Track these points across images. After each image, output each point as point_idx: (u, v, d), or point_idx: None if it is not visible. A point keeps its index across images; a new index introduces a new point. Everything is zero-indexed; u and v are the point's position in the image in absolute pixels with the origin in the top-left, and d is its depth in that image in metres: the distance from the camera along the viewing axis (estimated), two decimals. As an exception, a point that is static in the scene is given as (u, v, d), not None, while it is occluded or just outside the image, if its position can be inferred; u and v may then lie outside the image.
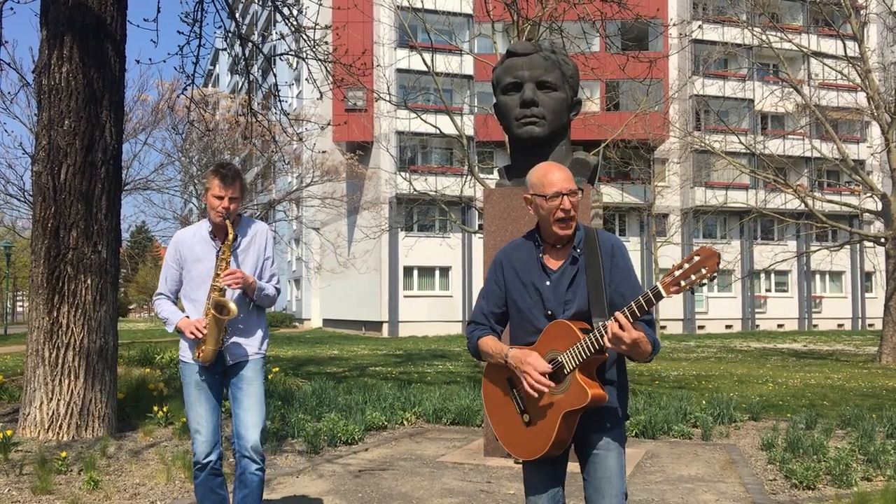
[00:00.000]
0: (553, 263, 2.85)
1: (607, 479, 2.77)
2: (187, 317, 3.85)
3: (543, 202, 2.79)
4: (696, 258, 2.51)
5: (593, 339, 2.62)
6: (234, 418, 3.85)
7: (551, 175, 2.80)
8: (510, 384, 2.84)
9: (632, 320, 2.55)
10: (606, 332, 2.57)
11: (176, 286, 3.96)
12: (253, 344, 3.91)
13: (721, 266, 2.54)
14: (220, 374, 3.92)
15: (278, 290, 4.02)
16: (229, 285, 3.74)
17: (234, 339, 3.86)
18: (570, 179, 2.79)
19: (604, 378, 2.77)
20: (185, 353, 3.89)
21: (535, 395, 2.68)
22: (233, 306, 3.71)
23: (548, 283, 2.82)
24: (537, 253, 2.88)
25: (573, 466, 2.91)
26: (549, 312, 2.80)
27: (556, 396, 2.69)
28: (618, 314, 2.56)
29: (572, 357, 2.66)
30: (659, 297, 2.55)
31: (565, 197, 2.76)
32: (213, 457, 3.84)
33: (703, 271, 2.50)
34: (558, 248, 2.87)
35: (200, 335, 3.74)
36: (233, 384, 3.88)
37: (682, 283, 2.53)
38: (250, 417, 3.79)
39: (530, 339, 2.82)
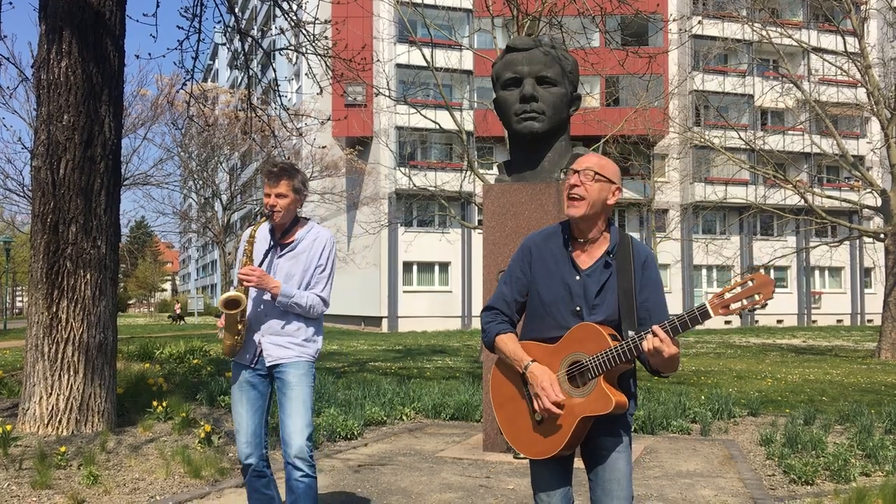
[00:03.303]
0: (583, 262, 2.76)
1: (617, 482, 2.74)
2: None
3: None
4: (750, 283, 2.45)
5: (626, 349, 2.57)
6: (280, 425, 3.76)
7: (582, 160, 2.76)
8: (524, 381, 2.75)
9: (672, 336, 2.50)
10: (641, 344, 2.53)
11: None
12: (294, 347, 3.76)
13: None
14: (264, 375, 3.81)
15: (323, 300, 3.82)
16: (241, 281, 3.65)
17: (272, 339, 3.75)
18: (596, 165, 2.72)
19: (624, 387, 2.72)
20: None
21: (546, 413, 2.64)
22: (242, 301, 3.60)
23: (577, 277, 2.73)
24: (566, 247, 2.79)
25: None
26: (578, 308, 2.71)
27: (576, 400, 2.63)
28: (657, 329, 2.50)
29: (600, 363, 2.59)
30: (706, 316, 2.48)
31: (577, 174, 2.70)
32: (252, 459, 3.75)
33: (757, 297, 2.43)
34: (587, 248, 2.78)
35: (220, 327, 3.69)
36: (278, 389, 3.77)
37: (733, 306, 2.46)
38: (293, 423, 3.68)
39: (552, 335, 2.72)
